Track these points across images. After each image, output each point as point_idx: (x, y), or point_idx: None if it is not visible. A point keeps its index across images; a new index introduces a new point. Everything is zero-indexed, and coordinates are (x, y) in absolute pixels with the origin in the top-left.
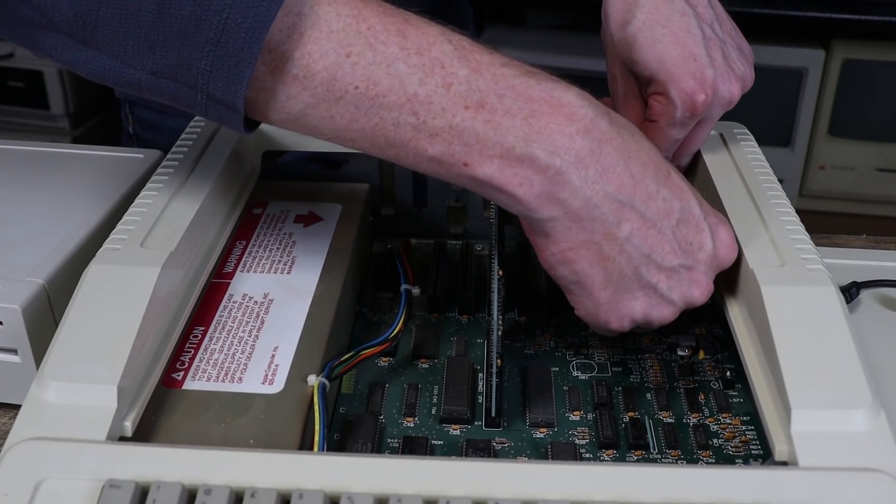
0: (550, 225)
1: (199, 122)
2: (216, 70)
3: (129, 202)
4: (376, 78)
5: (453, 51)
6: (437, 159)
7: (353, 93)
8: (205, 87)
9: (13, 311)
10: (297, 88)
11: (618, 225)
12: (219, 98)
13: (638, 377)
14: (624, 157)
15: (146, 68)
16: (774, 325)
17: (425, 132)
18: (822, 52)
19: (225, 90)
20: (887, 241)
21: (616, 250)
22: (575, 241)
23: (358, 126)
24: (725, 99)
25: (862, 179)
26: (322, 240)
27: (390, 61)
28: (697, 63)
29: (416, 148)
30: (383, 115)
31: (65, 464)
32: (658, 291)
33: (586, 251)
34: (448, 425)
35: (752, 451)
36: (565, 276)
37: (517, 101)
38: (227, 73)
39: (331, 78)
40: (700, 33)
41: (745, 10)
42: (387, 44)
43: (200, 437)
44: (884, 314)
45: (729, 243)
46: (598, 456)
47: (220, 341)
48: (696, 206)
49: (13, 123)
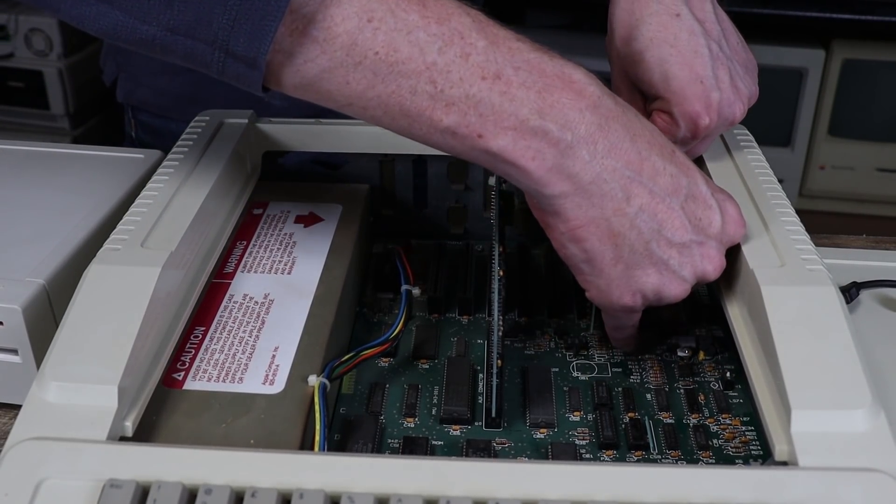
0: (560, 202)
1: (200, 122)
2: (239, 25)
3: (129, 202)
4: (396, 44)
5: (472, 22)
6: (452, 130)
7: (372, 58)
8: (224, 43)
9: (13, 311)
10: (315, 51)
11: (627, 200)
12: (239, 55)
13: (638, 378)
14: (630, 133)
15: (162, 24)
16: (774, 325)
17: (442, 101)
18: (822, 52)
19: (247, 46)
20: (887, 241)
21: (626, 226)
22: (585, 217)
23: (374, 93)
24: (729, 120)
25: (862, 179)
26: (322, 240)
27: (411, 28)
28: (704, 86)
29: (430, 118)
30: (401, 83)
31: (65, 464)
32: (670, 267)
33: (596, 228)
34: (448, 425)
35: (752, 452)
36: (575, 254)
37: (532, 75)
38: (251, 28)
39: (351, 42)
40: (707, 53)
41: (745, 10)
42: (408, 11)
43: (201, 437)
44: (884, 314)
45: (737, 219)
46: (598, 456)
47: (221, 341)
48: (702, 183)
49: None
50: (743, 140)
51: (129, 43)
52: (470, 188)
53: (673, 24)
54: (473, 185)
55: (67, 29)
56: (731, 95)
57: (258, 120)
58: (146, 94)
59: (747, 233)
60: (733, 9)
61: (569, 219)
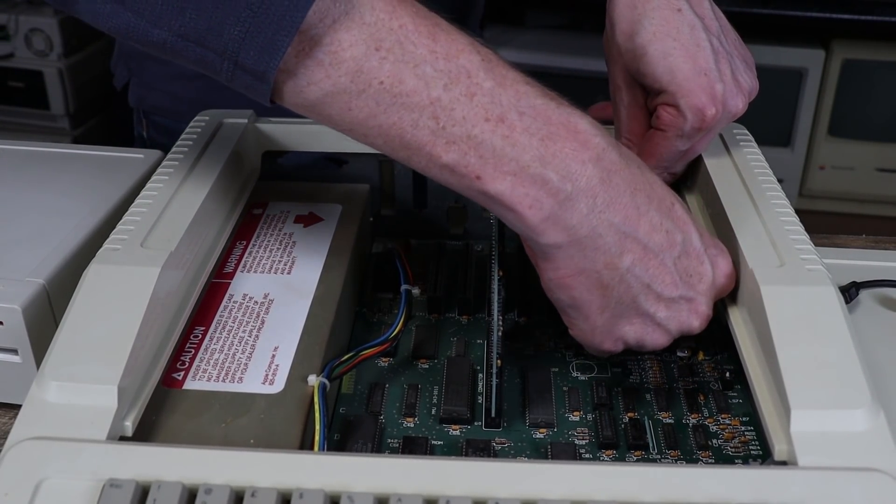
0: (553, 251)
1: (199, 122)
2: (250, 38)
3: (129, 202)
4: (402, 76)
5: (481, 62)
6: (450, 168)
7: (376, 87)
8: (234, 54)
9: (13, 311)
10: (320, 74)
11: (620, 255)
12: (248, 68)
13: (637, 378)
14: (631, 188)
15: (173, 30)
16: (774, 325)
17: (443, 138)
18: (822, 52)
19: (257, 60)
20: (887, 241)
21: (616, 279)
22: (575, 268)
23: (375, 122)
24: (732, 112)
25: (862, 179)
26: (322, 240)
27: (418, 62)
28: (708, 78)
29: (430, 153)
30: (403, 115)
31: (65, 464)
32: (655, 320)
33: (586, 278)
34: (448, 425)
35: (752, 452)
36: (562, 299)
37: (536, 121)
38: (262, 42)
39: (357, 69)
40: (709, 46)
41: (745, 10)
42: (416, 45)
43: (201, 436)
44: (884, 314)
45: (728, 273)
46: (597, 456)
47: (221, 341)
48: (696, 238)
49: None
50: (742, 140)
51: (141, 44)
52: None
53: (675, 18)
54: None
55: (67, 29)
56: (733, 87)
57: (258, 120)
58: (160, 98)
59: (747, 233)
60: (733, 9)
61: (559, 267)
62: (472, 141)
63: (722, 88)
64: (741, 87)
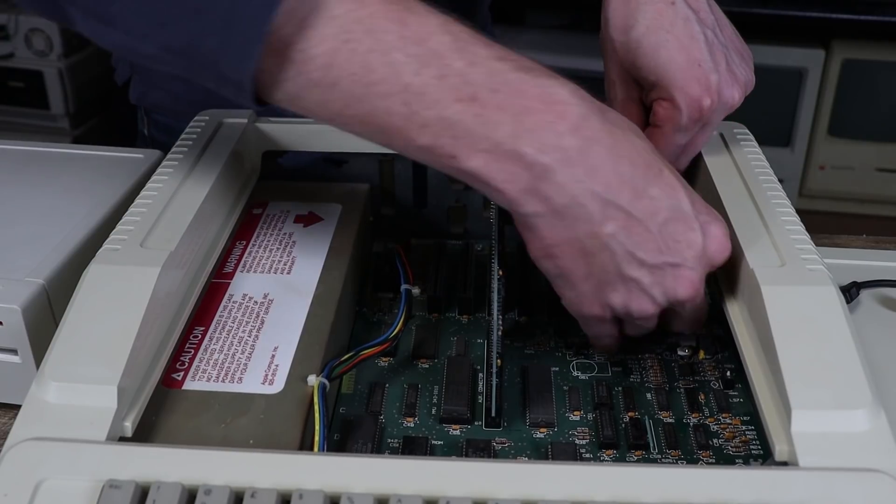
0: (535, 220)
1: (199, 121)
2: (224, 49)
3: (129, 202)
4: (372, 66)
5: (451, 42)
6: (426, 149)
7: (348, 79)
8: (215, 65)
9: (13, 311)
10: (293, 72)
11: (602, 223)
12: (228, 77)
13: (638, 377)
14: (613, 155)
15: (159, 44)
16: (774, 325)
17: (416, 123)
18: (822, 52)
19: (233, 70)
20: (887, 241)
21: (599, 247)
22: (559, 237)
23: (351, 112)
24: (728, 104)
25: (862, 179)
26: (322, 240)
27: (388, 49)
28: (702, 69)
29: (406, 137)
30: (376, 104)
31: (65, 464)
32: (640, 286)
33: (569, 248)
34: (448, 425)
35: (752, 451)
36: (549, 268)
37: (510, 97)
38: (235, 52)
39: (328, 63)
40: (703, 38)
41: (745, 10)
42: (386, 31)
43: (200, 437)
44: (884, 314)
45: (721, 240)
46: (598, 456)
47: (220, 341)
48: (686, 204)
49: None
50: (743, 139)
51: (135, 59)
52: (470, 188)
53: (668, 11)
54: None
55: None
56: (728, 78)
57: (258, 120)
58: (160, 97)
59: (747, 233)
60: (733, 9)
61: (543, 237)
62: (444, 122)
63: (717, 79)
64: (737, 78)
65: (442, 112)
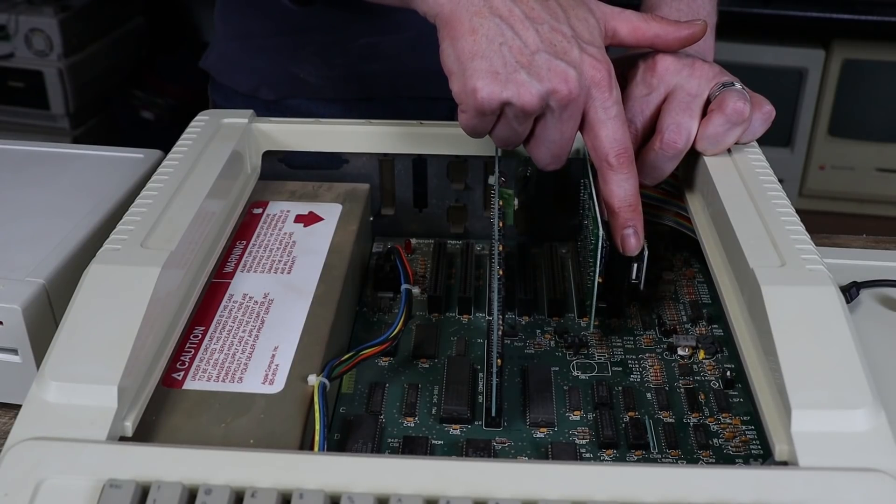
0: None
1: (199, 121)
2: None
3: (129, 202)
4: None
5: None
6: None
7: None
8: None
9: (13, 311)
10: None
11: (489, 7)
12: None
13: (638, 377)
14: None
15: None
16: (774, 325)
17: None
18: (822, 52)
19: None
20: (887, 241)
21: (484, 26)
22: (454, 16)
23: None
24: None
25: (862, 179)
26: (322, 240)
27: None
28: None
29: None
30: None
31: (65, 464)
32: (518, 67)
33: (459, 24)
34: (448, 425)
35: (752, 451)
36: (448, 53)
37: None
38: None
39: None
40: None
41: (745, 10)
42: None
43: (201, 437)
44: (884, 314)
45: (598, 57)
46: (598, 456)
47: (221, 341)
48: (583, 30)
49: (13, 123)
50: None
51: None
52: (470, 188)
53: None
54: (473, 184)
55: (67, 29)
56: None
57: (258, 120)
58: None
59: (748, 233)
60: (733, 9)
61: (443, 38)
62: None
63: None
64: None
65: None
